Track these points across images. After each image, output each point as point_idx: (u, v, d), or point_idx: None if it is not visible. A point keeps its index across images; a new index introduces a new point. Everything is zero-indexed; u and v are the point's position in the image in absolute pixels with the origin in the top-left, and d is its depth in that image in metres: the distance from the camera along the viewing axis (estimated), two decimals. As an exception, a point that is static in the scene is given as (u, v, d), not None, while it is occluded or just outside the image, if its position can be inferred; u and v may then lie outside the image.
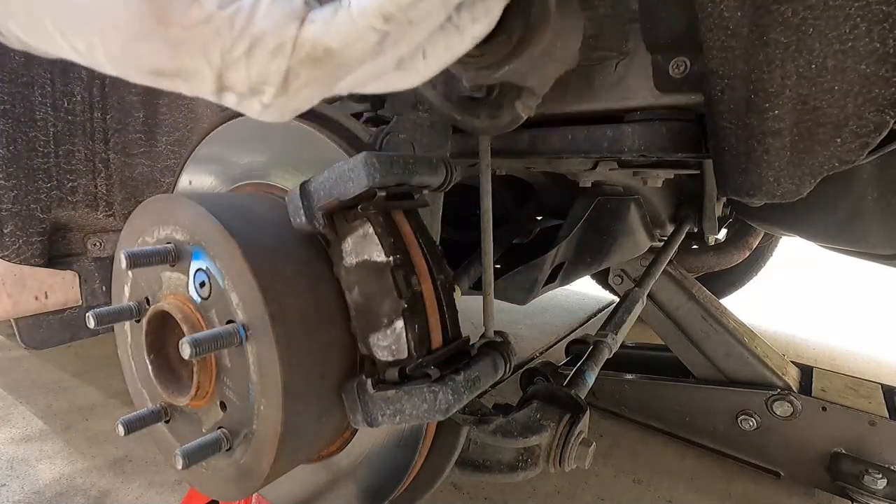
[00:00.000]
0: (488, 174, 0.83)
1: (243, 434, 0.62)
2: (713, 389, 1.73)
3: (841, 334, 3.12)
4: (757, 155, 0.71)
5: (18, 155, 1.25)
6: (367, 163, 0.58)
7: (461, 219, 2.01)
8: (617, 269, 1.94)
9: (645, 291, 1.44)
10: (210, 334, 0.57)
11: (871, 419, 1.47)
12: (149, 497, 1.56)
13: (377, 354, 0.62)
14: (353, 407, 0.62)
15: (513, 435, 0.77)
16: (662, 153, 0.89)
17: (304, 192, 0.62)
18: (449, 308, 0.66)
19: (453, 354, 0.65)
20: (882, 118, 0.60)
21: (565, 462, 0.79)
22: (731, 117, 0.71)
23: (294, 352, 0.58)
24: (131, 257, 0.62)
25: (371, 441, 0.73)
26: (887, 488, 1.39)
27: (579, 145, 0.98)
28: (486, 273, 0.84)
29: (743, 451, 1.70)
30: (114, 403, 2.12)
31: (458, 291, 0.93)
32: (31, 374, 2.35)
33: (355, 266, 0.62)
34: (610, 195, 1.54)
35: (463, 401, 0.61)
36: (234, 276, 0.59)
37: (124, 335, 0.77)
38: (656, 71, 0.83)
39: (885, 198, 0.99)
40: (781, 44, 0.61)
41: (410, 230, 0.65)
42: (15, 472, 1.66)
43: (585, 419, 0.82)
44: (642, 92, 0.86)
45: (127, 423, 0.66)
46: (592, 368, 1.10)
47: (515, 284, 1.30)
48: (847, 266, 4.44)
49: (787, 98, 0.64)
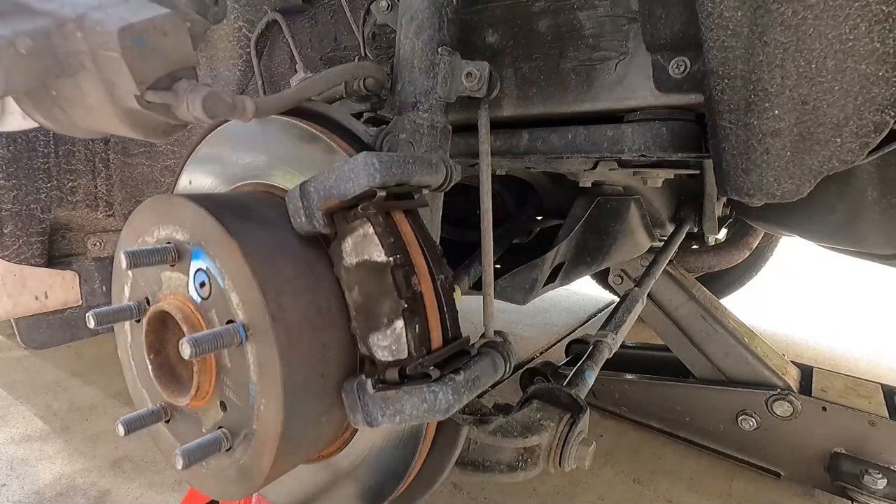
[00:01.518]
0: (488, 174, 0.83)
1: (243, 434, 0.62)
2: (713, 389, 1.73)
3: (841, 334, 3.12)
4: (757, 155, 0.71)
5: (18, 155, 1.26)
6: (367, 163, 0.58)
7: (461, 219, 2.01)
8: (617, 269, 1.94)
9: (645, 291, 1.45)
10: (210, 334, 0.57)
11: (871, 419, 1.47)
12: (149, 497, 1.56)
13: (377, 354, 0.62)
14: (353, 407, 0.62)
15: (513, 435, 0.77)
16: (662, 153, 0.89)
17: (304, 192, 0.62)
18: (449, 308, 0.66)
19: (453, 354, 0.65)
20: (882, 118, 0.61)
21: (565, 462, 0.79)
22: (731, 117, 0.71)
23: (294, 352, 0.58)
24: (131, 257, 0.62)
25: (371, 441, 0.73)
26: (887, 488, 1.39)
27: (579, 145, 0.98)
28: (486, 273, 0.84)
29: (743, 451, 1.70)
30: (114, 403, 2.12)
31: (458, 291, 0.93)
32: (30, 374, 2.35)
33: (355, 266, 0.62)
34: (610, 195, 1.54)
35: (463, 401, 0.61)
36: (234, 276, 0.59)
37: (124, 335, 0.77)
38: (656, 71, 0.83)
39: (885, 198, 0.99)
40: (781, 44, 0.61)
41: (410, 230, 0.65)
42: (15, 472, 1.66)
43: (585, 419, 0.82)
44: (642, 92, 0.86)
45: (127, 423, 0.66)
46: (592, 368, 1.11)
47: (515, 284, 1.30)
48: (847, 266, 4.44)
49: (787, 98, 0.64)
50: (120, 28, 0.48)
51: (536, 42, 0.93)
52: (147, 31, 0.50)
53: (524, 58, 0.95)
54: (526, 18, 0.92)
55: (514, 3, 0.92)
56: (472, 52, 0.98)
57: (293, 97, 0.66)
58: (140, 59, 0.50)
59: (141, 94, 0.51)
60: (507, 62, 0.97)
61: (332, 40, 1.16)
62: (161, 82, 0.52)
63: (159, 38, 0.51)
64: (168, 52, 0.52)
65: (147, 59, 0.51)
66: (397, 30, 0.80)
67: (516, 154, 1.06)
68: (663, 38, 0.79)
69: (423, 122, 0.77)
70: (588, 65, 0.90)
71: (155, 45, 0.51)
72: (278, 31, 1.16)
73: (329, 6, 1.14)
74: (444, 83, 0.78)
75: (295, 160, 0.73)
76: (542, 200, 1.95)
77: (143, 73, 0.51)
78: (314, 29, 1.17)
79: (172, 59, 0.52)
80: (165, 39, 0.52)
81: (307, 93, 0.68)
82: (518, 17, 0.93)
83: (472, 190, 1.75)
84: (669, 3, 0.77)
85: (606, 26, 0.86)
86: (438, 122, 0.79)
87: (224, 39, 1.19)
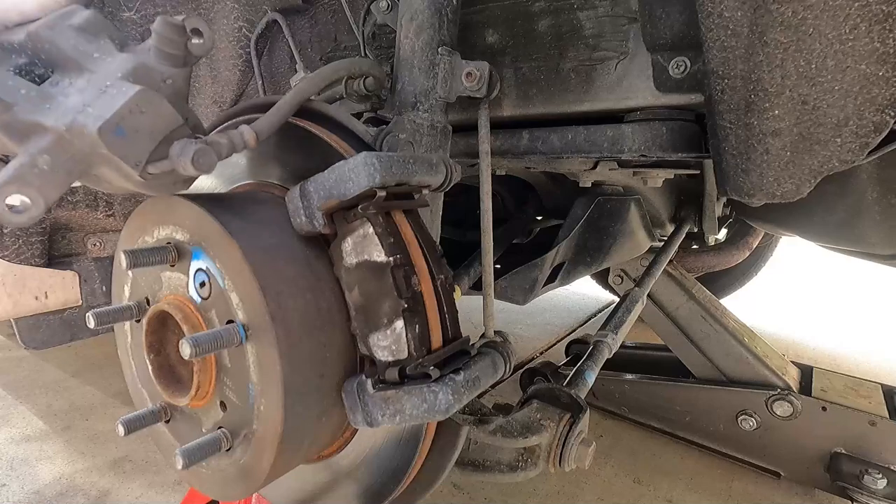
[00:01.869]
0: (488, 174, 0.83)
1: (243, 434, 0.62)
2: (713, 389, 1.73)
3: (841, 334, 3.12)
4: (757, 155, 0.71)
5: (18, 155, 1.25)
6: (367, 163, 0.58)
7: (461, 219, 2.01)
8: (617, 269, 1.94)
9: (645, 291, 1.45)
10: (210, 334, 0.57)
11: (871, 419, 1.47)
12: (149, 497, 1.56)
13: (377, 354, 0.62)
14: (353, 407, 0.62)
15: (513, 435, 0.78)
16: (662, 153, 0.89)
17: (304, 192, 0.62)
18: (449, 308, 0.66)
19: (453, 354, 0.65)
20: (882, 118, 0.61)
21: (565, 462, 0.79)
22: (731, 117, 0.71)
23: (294, 352, 0.58)
24: (131, 257, 0.62)
25: (371, 441, 0.73)
26: (887, 488, 1.39)
27: (579, 145, 0.98)
28: (486, 273, 0.84)
29: (743, 451, 1.70)
30: (114, 403, 2.12)
31: (458, 291, 0.93)
32: (31, 374, 2.35)
33: (355, 266, 0.62)
34: (610, 195, 1.54)
35: (463, 401, 0.61)
36: (234, 276, 0.59)
37: (124, 335, 0.77)
38: (656, 71, 0.83)
39: (885, 198, 0.99)
40: (781, 44, 0.61)
41: (410, 230, 0.65)
42: (15, 472, 1.66)
43: (585, 419, 0.82)
44: (642, 92, 0.86)
45: (127, 423, 0.66)
46: (592, 368, 1.11)
47: (515, 284, 1.30)
48: (847, 266, 4.44)
49: (787, 98, 0.64)
50: (99, 129, 0.51)
51: (536, 42, 0.93)
52: (123, 118, 0.52)
53: (524, 58, 0.95)
54: (526, 18, 0.92)
55: (514, 3, 0.92)
56: (472, 52, 0.98)
57: (290, 105, 0.65)
58: (127, 147, 0.53)
59: (141, 172, 0.54)
60: (507, 62, 0.97)
61: (332, 40, 1.16)
62: (157, 153, 0.55)
63: (137, 118, 0.53)
64: (151, 127, 0.54)
65: (133, 142, 0.53)
66: (397, 30, 0.80)
67: (516, 154, 1.06)
68: (663, 38, 0.79)
69: (423, 122, 0.77)
70: (588, 65, 0.90)
71: (136, 127, 0.53)
72: (278, 31, 1.16)
73: (329, 6, 1.14)
74: (444, 83, 0.78)
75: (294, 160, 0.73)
76: (542, 200, 1.95)
77: (135, 156, 0.54)
78: (314, 29, 1.17)
79: (158, 130, 0.55)
80: (144, 117, 0.54)
81: (302, 96, 0.67)
82: (518, 17, 0.93)
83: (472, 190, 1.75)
84: (669, 3, 0.77)
85: (606, 26, 0.86)
86: (438, 122, 0.79)
87: (224, 39, 1.19)
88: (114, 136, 0.52)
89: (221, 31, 1.19)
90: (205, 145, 0.54)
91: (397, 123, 0.75)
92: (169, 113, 0.55)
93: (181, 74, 0.59)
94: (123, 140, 0.53)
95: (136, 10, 1.19)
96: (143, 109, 0.54)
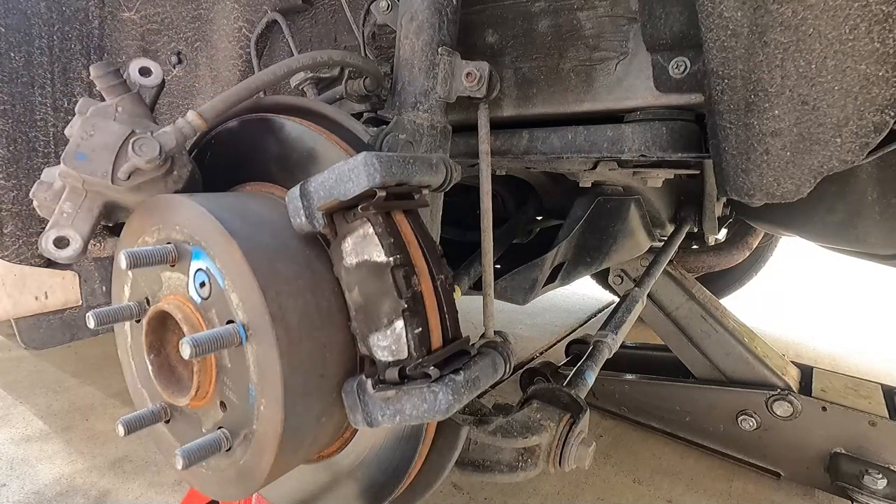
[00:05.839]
0: (488, 174, 0.83)
1: (243, 434, 0.62)
2: (713, 389, 1.73)
3: (841, 334, 3.12)
4: (757, 155, 0.71)
5: (18, 155, 1.25)
6: (367, 163, 0.58)
7: (461, 219, 2.01)
8: (617, 269, 1.94)
9: (645, 291, 1.45)
10: (210, 334, 0.57)
11: (871, 419, 1.47)
12: (149, 497, 1.56)
13: (377, 354, 0.62)
14: (353, 407, 0.62)
15: (513, 435, 0.77)
16: (662, 153, 0.89)
17: (304, 192, 0.62)
18: (449, 308, 0.65)
19: (453, 355, 0.65)
20: (882, 118, 0.61)
21: (565, 462, 0.79)
22: (731, 117, 0.71)
23: (294, 352, 0.58)
24: (131, 257, 0.62)
25: (371, 441, 0.73)
26: (887, 488, 1.39)
27: (579, 145, 0.98)
28: (486, 273, 0.84)
29: (743, 451, 1.70)
30: (114, 403, 2.12)
31: (458, 291, 0.93)
32: (31, 375, 2.35)
33: (355, 266, 0.62)
34: (610, 195, 1.54)
35: (463, 401, 0.61)
36: (234, 276, 0.59)
37: (124, 335, 0.77)
38: (656, 71, 0.83)
39: (885, 198, 0.99)
40: (781, 44, 0.61)
41: (410, 230, 0.65)
42: (15, 472, 1.66)
43: (585, 419, 0.82)
44: (642, 92, 0.86)
45: (127, 423, 0.66)
46: (592, 368, 1.11)
47: (515, 284, 1.30)
48: (847, 266, 4.44)
49: (787, 98, 0.64)
50: (64, 159, 0.63)
51: (536, 42, 0.93)
52: (78, 144, 0.64)
53: (524, 58, 0.95)
54: (526, 18, 0.92)
55: (514, 3, 0.92)
56: (472, 52, 0.98)
57: (238, 94, 0.70)
58: (92, 165, 0.64)
59: (114, 180, 0.65)
60: (507, 62, 0.97)
61: (332, 40, 1.16)
62: (120, 161, 0.65)
63: (89, 141, 0.64)
64: (104, 144, 0.65)
65: (95, 160, 0.64)
66: (397, 30, 0.80)
67: (516, 154, 1.06)
68: (663, 38, 0.79)
69: (423, 123, 0.77)
70: (588, 65, 0.90)
71: (92, 146, 0.64)
72: (278, 31, 1.16)
73: (329, 6, 1.14)
74: (443, 83, 0.78)
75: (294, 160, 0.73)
76: (542, 200, 1.95)
77: (101, 170, 0.64)
78: (314, 29, 1.18)
79: (111, 143, 0.65)
80: (95, 138, 0.65)
81: (252, 85, 0.71)
82: (518, 17, 0.93)
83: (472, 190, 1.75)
84: (669, 3, 0.77)
85: (606, 26, 0.86)
86: (438, 123, 0.79)
87: (224, 39, 1.19)
88: (77, 161, 0.63)
89: (221, 31, 1.19)
90: (146, 136, 0.64)
91: (397, 123, 0.75)
92: (116, 129, 0.66)
93: (129, 98, 0.69)
94: (86, 162, 0.64)
95: (136, 10, 1.19)
96: (91, 132, 0.65)
